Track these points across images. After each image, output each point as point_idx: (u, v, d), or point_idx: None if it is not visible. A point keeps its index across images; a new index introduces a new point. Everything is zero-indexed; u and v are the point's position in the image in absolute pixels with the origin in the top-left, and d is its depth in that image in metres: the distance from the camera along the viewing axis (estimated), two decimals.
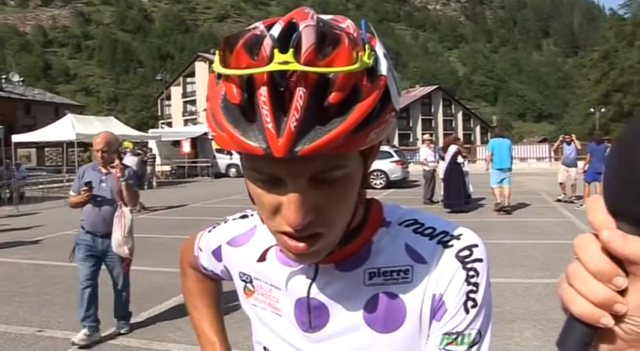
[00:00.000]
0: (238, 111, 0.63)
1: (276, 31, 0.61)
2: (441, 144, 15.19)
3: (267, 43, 0.60)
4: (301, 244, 0.68)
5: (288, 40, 0.59)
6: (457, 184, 12.44)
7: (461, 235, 0.77)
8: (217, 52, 0.64)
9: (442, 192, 12.95)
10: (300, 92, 0.59)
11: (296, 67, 0.58)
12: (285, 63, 0.58)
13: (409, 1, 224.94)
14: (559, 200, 13.95)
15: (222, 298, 1.16)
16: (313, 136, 0.60)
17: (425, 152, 14.99)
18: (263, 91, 0.60)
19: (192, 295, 1.13)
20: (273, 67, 0.59)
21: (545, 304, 5.26)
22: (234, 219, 0.97)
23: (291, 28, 0.61)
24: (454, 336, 0.73)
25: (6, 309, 5.61)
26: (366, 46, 0.63)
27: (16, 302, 5.87)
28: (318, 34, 0.60)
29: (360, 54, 0.62)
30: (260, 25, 0.64)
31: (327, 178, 0.65)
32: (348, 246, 0.77)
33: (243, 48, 0.61)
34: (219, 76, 0.65)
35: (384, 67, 0.66)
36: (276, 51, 0.59)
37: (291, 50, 0.59)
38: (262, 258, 0.83)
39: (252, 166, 0.66)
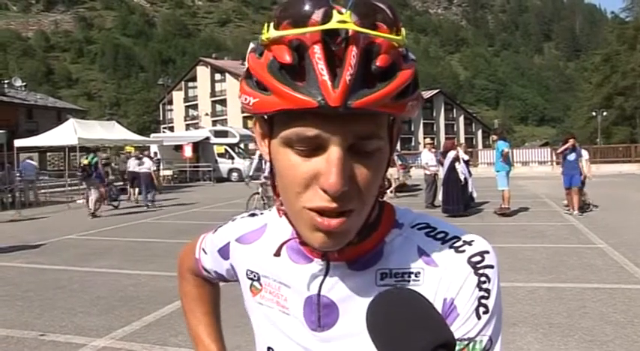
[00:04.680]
0: (287, 73, 0.65)
1: None
2: (442, 148, 15.19)
3: (325, 3, 0.65)
4: (334, 221, 0.67)
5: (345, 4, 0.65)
6: (456, 190, 12.40)
7: (473, 241, 0.77)
8: (267, 24, 0.67)
9: (441, 197, 12.94)
10: (353, 51, 0.62)
11: (352, 26, 0.62)
12: (343, 22, 0.62)
13: (410, 5, 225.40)
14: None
15: (223, 304, 1.16)
16: (364, 93, 0.63)
17: (426, 156, 15.03)
18: (317, 48, 0.63)
19: (190, 301, 1.12)
20: (332, 25, 0.62)
21: (547, 308, 5.25)
22: (242, 217, 0.98)
23: None
24: (465, 342, 0.72)
25: (8, 313, 5.61)
26: (403, 30, 0.68)
27: (18, 306, 5.88)
28: (369, 4, 0.65)
29: (401, 31, 0.68)
30: None
31: (366, 146, 0.67)
32: (362, 244, 0.77)
33: (299, 10, 0.64)
34: (262, 49, 0.68)
35: (412, 56, 0.71)
36: (334, 11, 0.63)
37: (348, 12, 0.63)
38: (277, 253, 0.82)
39: (293, 132, 0.66)
